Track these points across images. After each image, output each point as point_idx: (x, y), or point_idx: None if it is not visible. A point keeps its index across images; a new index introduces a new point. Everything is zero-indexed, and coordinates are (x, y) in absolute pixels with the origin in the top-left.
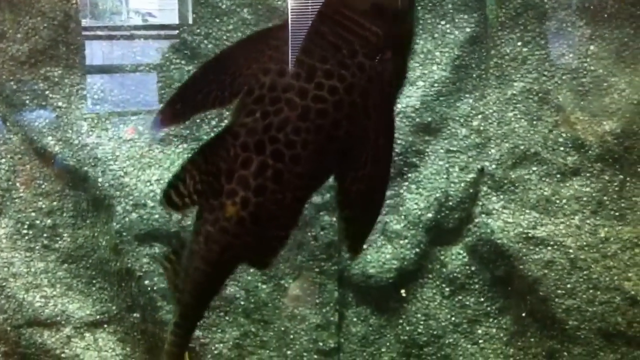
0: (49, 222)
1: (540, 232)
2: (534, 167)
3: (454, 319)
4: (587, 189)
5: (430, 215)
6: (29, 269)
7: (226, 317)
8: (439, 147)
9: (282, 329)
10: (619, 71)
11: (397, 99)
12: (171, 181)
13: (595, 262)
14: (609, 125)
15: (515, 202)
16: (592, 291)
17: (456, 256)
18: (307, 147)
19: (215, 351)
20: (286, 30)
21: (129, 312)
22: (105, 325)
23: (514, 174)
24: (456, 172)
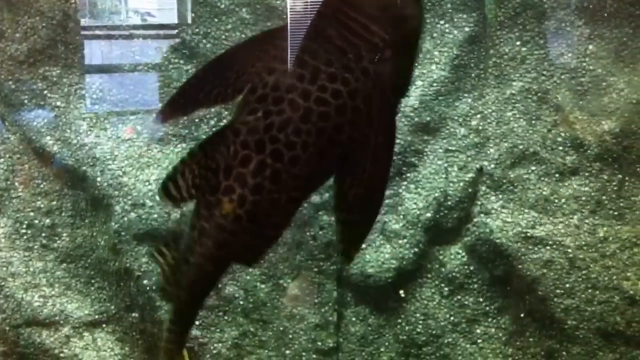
0: (48, 221)
1: (539, 231)
2: (532, 167)
3: (452, 318)
4: (586, 189)
5: (429, 214)
6: (28, 268)
7: (225, 317)
8: (437, 146)
9: (280, 328)
10: (617, 71)
11: (399, 105)
12: (170, 174)
13: (594, 261)
14: (608, 124)
15: (514, 201)
16: (590, 291)
17: (455, 256)
18: (307, 149)
19: (214, 351)
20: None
21: (128, 312)
22: (104, 324)
23: (512, 174)
24: (455, 172)
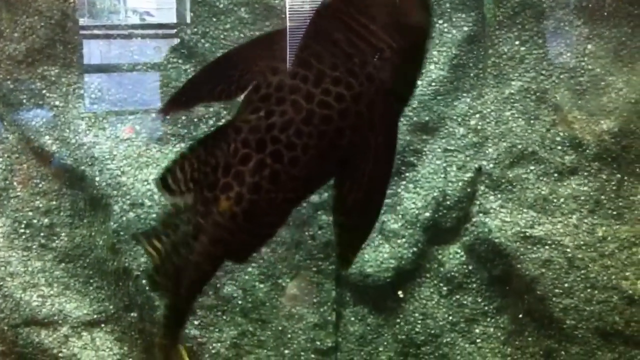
0: (46, 221)
1: (537, 231)
2: (531, 166)
3: (451, 318)
4: (585, 188)
5: (427, 214)
6: (26, 268)
7: (224, 317)
8: (436, 146)
9: (279, 328)
10: (616, 70)
11: (402, 113)
12: (169, 166)
13: (592, 261)
14: (607, 124)
15: (512, 201)
16: (589, 290)
17: (454, 255)
18: (307, 151)
19: (212, 350)
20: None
21: (127, 312)
22: (102, 324)
23: (511, 173)
24: (454, 172)
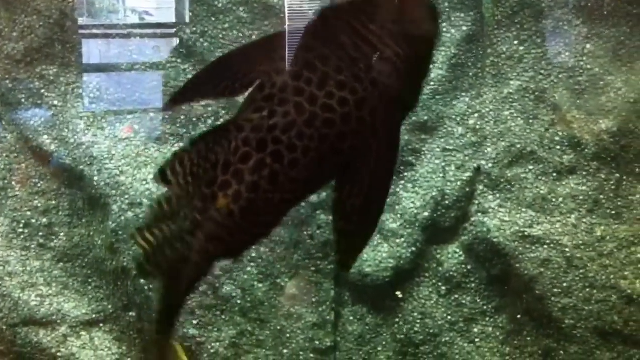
0: (45, 220)
1: (536, 230)
2: (530, 166)
3: (450, 317)
4: (584, 188)
5: (426, 214)
6: (25, 267)
7: (222, 316)
8: (435, 145)
9: (278, 327)
10: (615, 70)
11: (405, 120)
12: (169, 159)
13: (591, 260)
14: (606, 124)
15: (511, 200)
16: (588, 290)
17: (452, 255)
18: (308, 153)
19: (211, 350)
20: (306, 34)
21: (125, 311)
22: (101, 324)
23: (510, 173)
24: (452, 171)
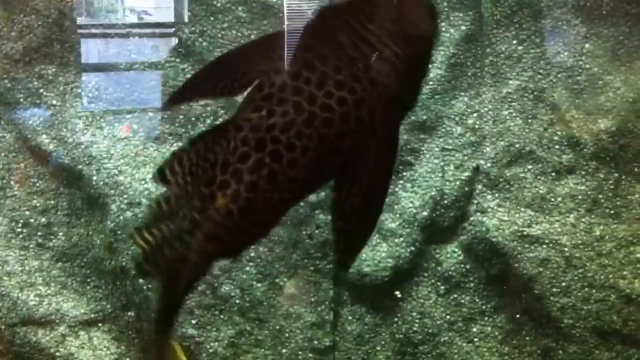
0: (44, 220)
1: (535, 230)
2: (529, 166)
3: (449, 317)
4: (582, 187)
5: (425, 213)
6: (23, 267)
7: (221, 316)
8: (434, 145)
9: (277, 327)
10: (614, 69)
11: (403, 120)
12: (168, 159)
13: (590, 260)
14: (604, 123)
15: (510, 200)
16: (587, 289)
17: (451, 254)
18: (306, 153)
19: (210, 350)
20: (305, 33)
21: (124, 311)
22: (99, 323)
23: (509, 172)
24: (451, 171)
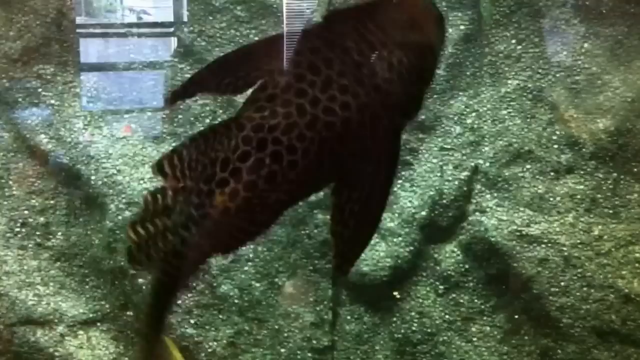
0: (42, 220)
1: (534, 230)
2: (528, 165)
3: (448, 317)
4: (581, 187)
5: (424, 213)
6: (22, 267)
7: (220, 316)
8: (433, 145)
9: (276, 327)
10: (613, 69)
11: (405, 127)
12: (168, 153)
13: (589, 259)
14: (603, 123)
15: (509, 200)
16: (586, 289)
17: (450, 254)
18: (307, 156)
19: (209, 349)
20: (312, 36)
21: (123, 311)
22: (98, 323)
23: (508, 172)
24: (450, 170)
